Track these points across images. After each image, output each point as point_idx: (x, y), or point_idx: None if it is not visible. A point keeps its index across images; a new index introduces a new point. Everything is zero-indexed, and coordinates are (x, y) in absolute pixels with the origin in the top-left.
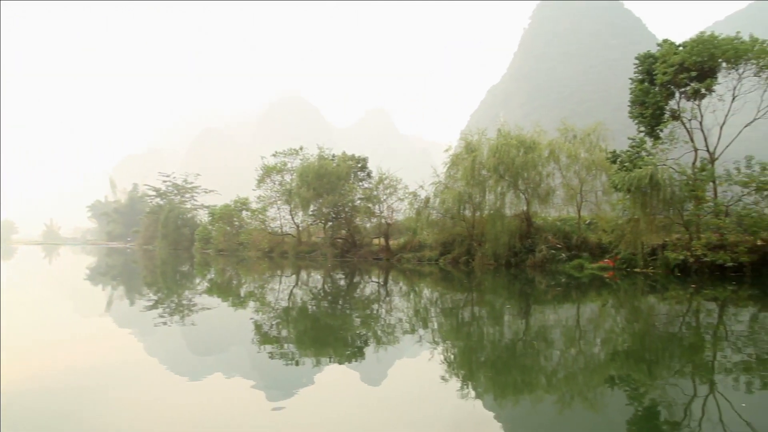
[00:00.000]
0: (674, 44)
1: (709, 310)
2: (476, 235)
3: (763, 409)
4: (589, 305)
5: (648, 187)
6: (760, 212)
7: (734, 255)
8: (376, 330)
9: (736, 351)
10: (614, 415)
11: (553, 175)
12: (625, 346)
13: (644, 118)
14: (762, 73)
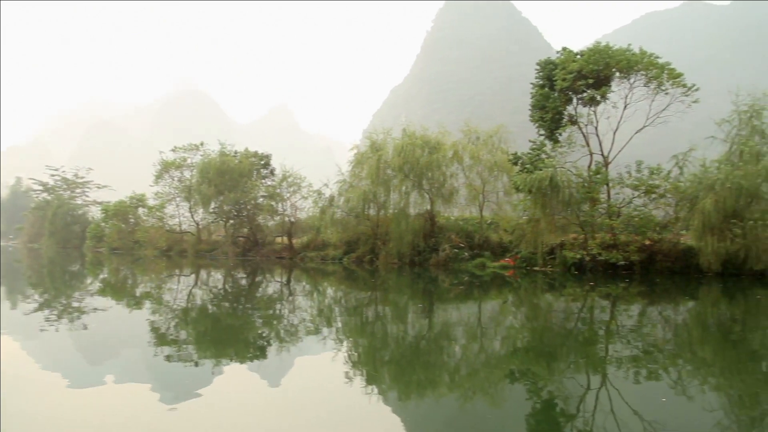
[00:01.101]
0: (573, 52)
1: (602, 306)
2: (381, 234)
3: (651, 398)
4: (490, 303)
5: (548, 189)
6: (648, 214)
7: (626, 254)
8: (279, 330)
9: (626, 344)
10: (514, 409)
11: (456, 175)
12: (525, 342)
13: (544, 122)
14: (650, 83)
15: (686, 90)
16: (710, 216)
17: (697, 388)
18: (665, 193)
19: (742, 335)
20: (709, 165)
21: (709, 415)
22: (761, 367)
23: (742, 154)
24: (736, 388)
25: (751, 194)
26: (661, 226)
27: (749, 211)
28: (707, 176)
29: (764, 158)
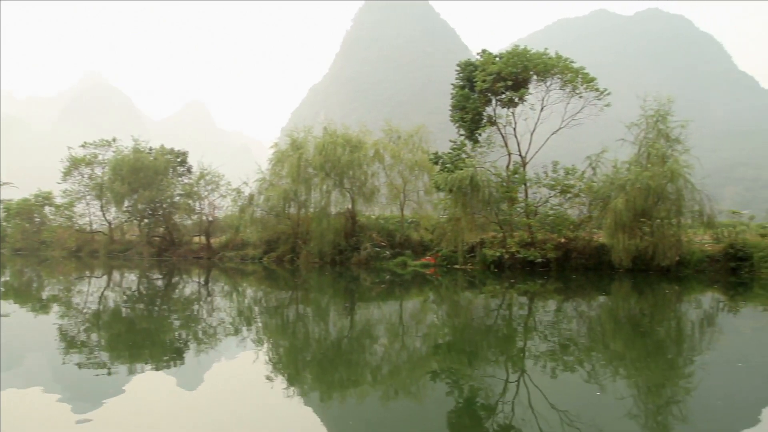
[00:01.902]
0: (492, 55)
1: (521, 303)
2: (301, 233)
3: (568, 390)
4: (412, 301)
5: (468, 188)
6: (563, 213)
7: (543, 252)
8: (197, 332)
9: (543, 339)
10: (436, 406)
11: (377, 174)
12: (447, 339)
13: (464, 122)
14: (566, 86)
15: (599, 94)
16: (621, 215)
17: (610, 378)
18: (580, 193)
19: (650, 327)
20: (620, 166)
21: (620, 404)
22: (667, 357)
23: (650, 156)
24: (645, 377)
25: (658, 194)
26: (575, 224)
27: (656, 210)
28: (618, 177)
29: (669, 160)
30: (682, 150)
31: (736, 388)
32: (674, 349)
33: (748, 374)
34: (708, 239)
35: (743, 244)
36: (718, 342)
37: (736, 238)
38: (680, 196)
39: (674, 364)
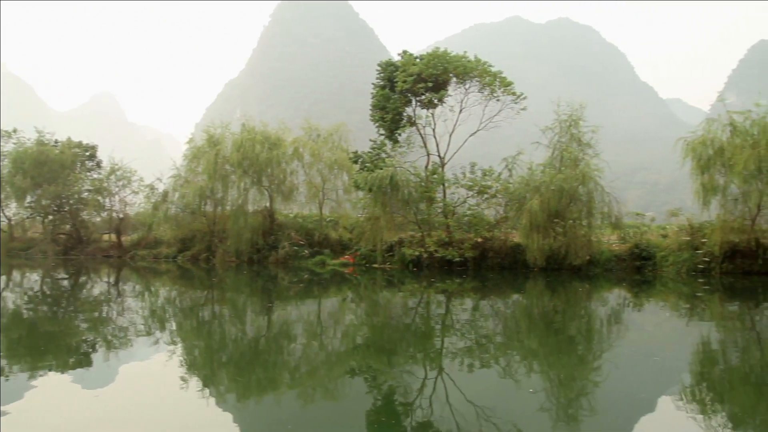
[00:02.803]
0: (413, 56)
1: (439, 302)
2: (218, 232)
3: (484, 386)
4: (330, 300)
5: (388, 188)
6: (481, 213)
7: (460, 251)
8: (105, 334)
9: (461, 337)
10: (355, 404)
11: (297, 172)
12: (365, 338)
13: (385, 122)
14: (484, 89)
15: (516, 98)
16: (536, 215)
17: (524, 374)
18: (496, 194)
19: (562, 324)
20: (535, 168)
21: (534, 398)
22: (577, 351)
23: (563, 160)
24: (557, 371)
25: (570, 196)
26: (492, 224)
27: (569, 211)
28: (533, 179)
29: (581, 164)
30: (592, 154)
31: (639, 379)
32: (584, 345)
33: (651, 366)
34: (615, 239)
35: (647, 244)
36: (624, 337)
37: (641, 239)
38: (591, 198)
39: (584, 359)
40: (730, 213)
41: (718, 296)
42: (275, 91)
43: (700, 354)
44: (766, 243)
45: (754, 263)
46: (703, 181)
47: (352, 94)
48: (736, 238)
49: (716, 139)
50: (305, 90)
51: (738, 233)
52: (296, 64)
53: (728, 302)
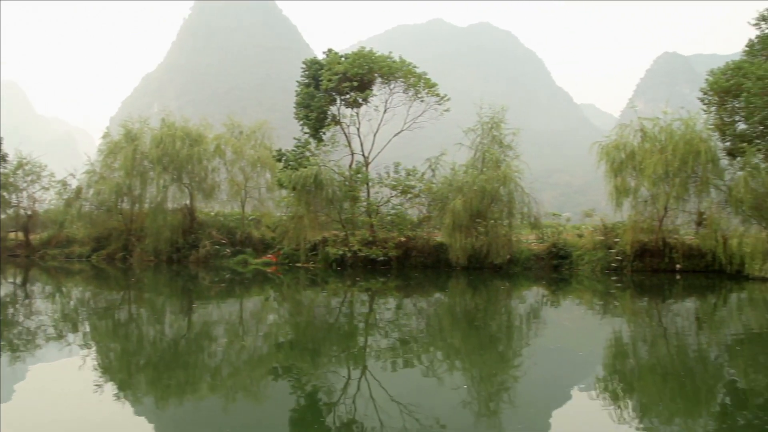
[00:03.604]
0: (338, 54)
1: (363, 301)
2: (135, 230)
3: (408, 383)
4: (253, 300)
5: (312, 186)
6: (404, 212)
7: (384, 250)
8: (10, 338)
9: (384, 336)
10: (278, 404)
11: (218, 170)
12: (289, 338)
13: (309, 121)
14: (409, 90)
15: (439, 99)
16: (459, 215)
17: (447, 370)
18: (420, 194)
19: (483, 321)
20: (457, 169)
21: (455, 394)
22: (498, 348)
23: (485, 161)
24: (478, 368)
25: (492, 196)
26: (415, 223)
27: (490, 211)
28: (456, 179)
29: (502, 165)
30: (513, 156)
31: (556, 373)
32: (505, 341)
33: (567, 361)
34: (534, 239)
35: (564, 244)
36: (542, 333)
37: (558, 238)
38: (512, 198)
39: (505, 355)
40: (640, 214)
41: (630, 293)
42: (194, 86)
43: (612, 348)
44: (671, 242)
45: (661, 261)
46: (616, 184)
47: (273, 92)
48: (646, 238)
49: (628, 143)
50: (225, 86)
51: (647, 233)
52: (217, 59)
53: (638, 299)
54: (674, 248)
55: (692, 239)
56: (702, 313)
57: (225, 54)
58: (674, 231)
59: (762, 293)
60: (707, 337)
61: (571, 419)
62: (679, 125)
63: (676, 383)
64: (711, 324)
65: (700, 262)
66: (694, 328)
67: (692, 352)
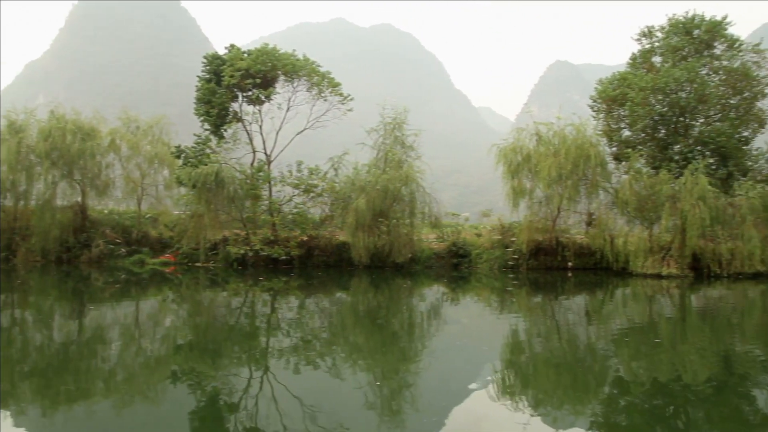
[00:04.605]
0: (241, 50)
1: (265, 300)
2: (20, 228)
3: (311, 383)
4: (150, 301)
5: (213, 184)
6: (306, 211)
7: (286, 249)
8: None
9: (286, 335)
10: (177, 408)
11: (113, 165)
12: (188, 340)
13: (210, 117)
14: (312, 89)
15: (343, 99)
16: (362, 214)
17: (350, 369)
18: (322, 193)
19: (386, 320)
20: (360, 168)
21: (359, 392)
22: (400, 346)
23: (387, 161)
24: (381, 365)
25: (394, 196)
26: (318, 223)
27: (393, 210)
28: (359, 178)
29: (405, 165)
30: (415, 156)
31: (456, 369)
32: (407, 339)
33: (467, 357)
34: (434, 238)
35: (463, 243)
36: (443, 330)
37: (458, 238)
38: (413, 198)
39: (406, 353)
40: (535, 214)
41: (525, 290)
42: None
43: (509, 343)
44: (564, 241)
45: (554, 259)
46: (513, 185)
47: (170, 86)
48: (540, 237)
49: (524, 146)
50: (118, 78)
51: (542, 233)
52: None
53: (533, 295)
54: (566, 247)
55: (583, 238)
56: (591, 307)
57: (117, 44)
58: (566, 230)
59: (644, 288)
60: (596, 330)
61: (471, 412)
62: (571, 130)
63: (568, 373)
64: (599, 318)
65: (590, 259)
66: (584, 322)
67: (582, 345)
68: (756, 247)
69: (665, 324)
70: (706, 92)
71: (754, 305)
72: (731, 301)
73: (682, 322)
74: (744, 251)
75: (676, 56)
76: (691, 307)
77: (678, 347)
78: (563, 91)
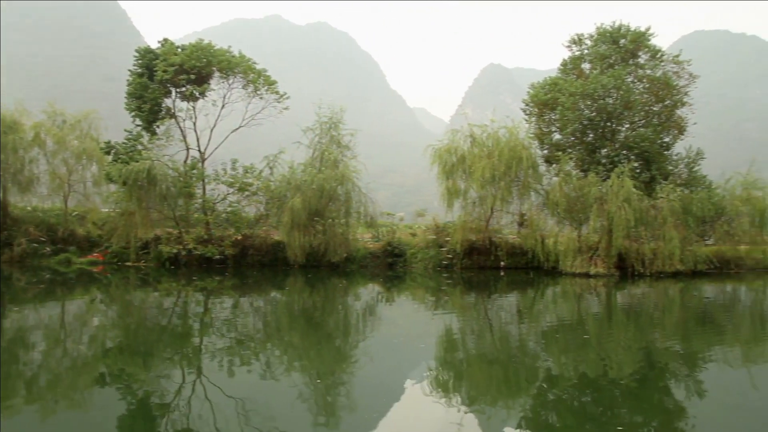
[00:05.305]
0: (175, 45)
1: (198, 300)
2: None
3: (245, 384)
4: (77, 302)
5: (145, 181)
6: (241, 210)
7: (220, 248)
8: None
9: (220, 336)
10: (106, 412)
11: (37, 161)
12: (118, 341)
13: (142, 112)
14: (248, 86)
15: (279, 97)
16: (298, 214)
17: (285, 369)
18: (257, 191)
19: (321, 319)
20: (296, 167)
21: (294, 392)
22: (335, 345)
23: (323, 160)
24: (316, 365)
25: (330, 195)
26: (253, 222)
27: (328, 210)
28: (295, 178)
29: (340, 165)
30: (351, 156)
31: (391, 368)
32: (342, 338)
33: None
34: (369, 238)
35: (398, 243)
36: (377, 329)
37: (393, 237)
38: (349, 198)
39: (342, 351)
40: (469, 214)
41: (459, 289)
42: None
43: (443, 341)
44: (497, 241)
45: (488, 259)
46: (448, 186)
47: (99, 79)
48: (474, 237)
49: (459, 148)
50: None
51: (476, 232)
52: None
53: (467, 294)
54: (499, 246)
55: (515, 238)
56: (523, 306)
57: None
58: (499, 231)
59: (572, 287)
60: (527, 327)
61: (407, 409)
62: (504, 133)
63: (501, 370)
64: (530, 315)
65: (522, 259)
66: (515, 319)
67: (514, 342)
68: (676, 248)
69: (593, 321)
70: (631, 99)
71: (674, 302)
72: (653, 298)
73: (609, 319)
74: (665, 251)
75: (603, 64)
76: (617, 305)
77: (605, 343)
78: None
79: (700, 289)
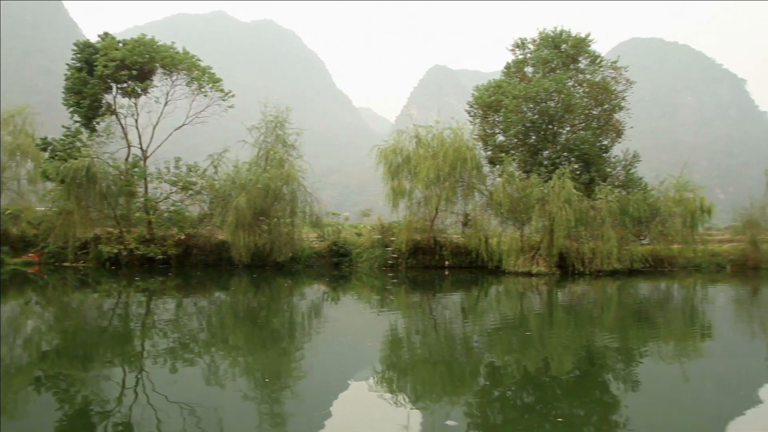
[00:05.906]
0: (116, 39)
1: (140, 301)
2: None
3: (189, 386)
4: (10, 304)
5: (84, 179)
6: (184, 209)
7: (163, 248)
8: None
9: (163, 337)
10: (42, 419)
11: None
12: (55, 345)
13: (81, 108)
14: (192, 83)
15: (224, 95)
16: (243, 213)
17: (230, 370)
18: (201, 190)
19: (266, 319)
20: (240, 166)
21: (239, 392)
22: (281, 345)
23: (269, 159)
24: (261, 366)
25: (275, 195)
26: (196, 221)
27: (274, 209)
28: (239, 176)
29: (286, 164)
30: (296, 155)
31: (338, 368)
32: (288, 339)
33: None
34: (315, 237)
35: (343, 242)
36: (323, 328)
37: (338, 237)
38: (294, 197)
39: (287, 351)
40: (414, 214)
41: (405, 288)
42: None
43: (389, 340)
44: (441, 241)
45: (432, 258)
46: (393, 186)
47: (34, 72)
48: (419, 237)
49: (404, 148)
50: None
51: (420, 232)
52: None
53: (412, 293)
54: (444, 246)
55: (459, 238)
56: (467, 304)
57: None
58: (444, 231)
59: (515, 285)
60: (471, 325)
61: (354, 407)
62: (449, 134)
63: (445, 368)
64: (474, 314)
65: (466, 258)
66: (460, 318)
67: (458, 340)
68: (614, 247)
69: (535, 319)
70: (571, 102)
71: (612, 300)
72: (592, 296)
73: (550, 317)
74: (603, 250)
75: (545, 68)
76: (558, 303)
77: (546, 340)
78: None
79: (636, 286)
